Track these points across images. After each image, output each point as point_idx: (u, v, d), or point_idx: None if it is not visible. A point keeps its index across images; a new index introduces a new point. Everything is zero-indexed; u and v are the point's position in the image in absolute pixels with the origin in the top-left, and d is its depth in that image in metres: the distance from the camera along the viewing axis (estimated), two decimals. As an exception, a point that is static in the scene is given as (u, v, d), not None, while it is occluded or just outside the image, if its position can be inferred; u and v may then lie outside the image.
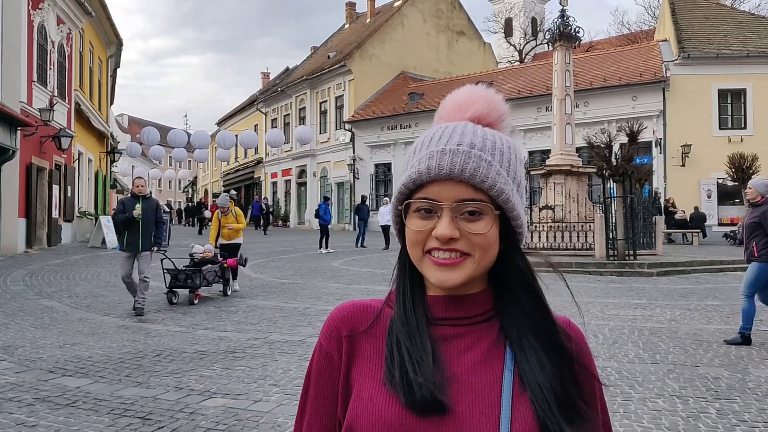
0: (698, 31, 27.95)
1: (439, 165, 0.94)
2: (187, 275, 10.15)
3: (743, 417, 4.74)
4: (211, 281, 10.64)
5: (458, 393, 0.93)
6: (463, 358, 0.97)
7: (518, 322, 0.97)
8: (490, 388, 0.94)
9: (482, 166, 0.94)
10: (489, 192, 0.94)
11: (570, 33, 17.86)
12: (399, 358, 0.96)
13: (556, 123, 18.30)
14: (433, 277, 0.96)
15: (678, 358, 6.58)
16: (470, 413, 0.92)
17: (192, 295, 10.11)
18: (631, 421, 4.62)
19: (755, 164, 22.62)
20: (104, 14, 27.19)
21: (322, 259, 18.13)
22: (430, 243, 0.95)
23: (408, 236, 0.98)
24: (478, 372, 0.95)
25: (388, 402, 0.93)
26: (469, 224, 0.94)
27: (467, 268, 0.95)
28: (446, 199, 0.94)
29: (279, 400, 5.13)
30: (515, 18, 65.38)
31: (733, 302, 10.39)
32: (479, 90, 1.04)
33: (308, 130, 33.33)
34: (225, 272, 11.08)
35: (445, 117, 1.04)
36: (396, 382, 0.94)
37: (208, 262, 10.77)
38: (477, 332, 0.98)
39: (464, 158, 0.94)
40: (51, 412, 4.79)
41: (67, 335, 7.67)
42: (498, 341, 0.98)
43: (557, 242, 16.86)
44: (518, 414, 0.91)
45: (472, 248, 0.94)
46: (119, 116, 62.09)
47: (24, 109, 17.83)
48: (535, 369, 0.94)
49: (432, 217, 0.95)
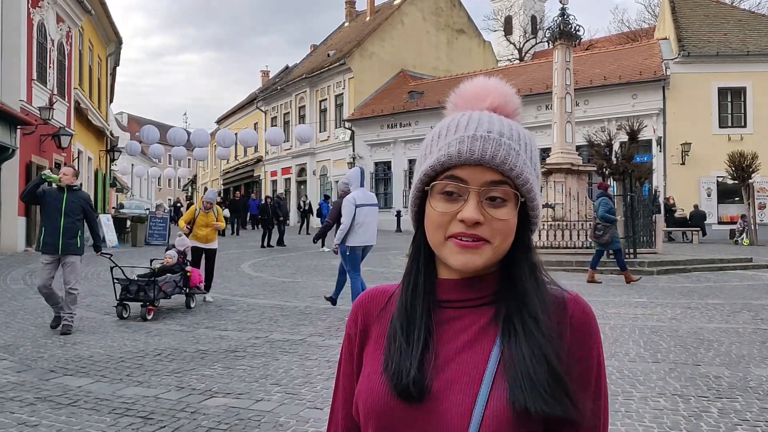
0: (698, 29, 27.94)
1: (471, 149, 0.96)
2: (139, 286, 8.77)
3: (745, 416, 4.73)
4: (169, 293, 9.24)
5: (444, 373, 0.96)
6: (456, 339, 0.99)
7: (515, 305, 0.99)
8: (476, 367, 0.96)
9: (511, 154, 0.96)
10: (516, 180, 0.97)
11: (570, 31, 17.83)
12: (394, 345, 1.00)
13: (556, 121, 18.28)
14: (456, 260, 0.97)
15: (679, 357, 6.58)
16: (450, 392, 0.95)
17: (144, 310, 8.65)
18: (633, 421, 4.62)
19: (755, 162, 22.64)
20: (104, 12, 27.15)
21: (323, 257, 18.12)
22: (454, 227, 0.97)
23: (432, 218, 0.99)
24: (467, 352, 0.98)
25: (381, 387, 0.98)
26: (494, 210, 0.96)
27: (486, 254, 0.97)
28: (475, 183, 0.96)
29: (281, 399, 5.13)
30: (515, 16, 65.32)
31: (734, 301, 10.41)
32: (494, 82, 1.06)
33: (308, 128, 33.31)
34: (188, 282, 9.64)
35: (462, 106, 1.06)
36: (387, 368, 0.99)
37: (167, 270, 9.34)
38: (475, 314, 1.01)
39: (495, 145, 0.96)
40: (52, 412, 4.79)
41: (67, 334, 7.66)
42: (493, 322, 1.00)
43: (557, 241, 16.85)
44: (496, 393, 0.93)
45: (492, 234, 0.96)
46: (119, 114, 62.05)
47: (24, 108, 17.81)
48: (517, 349, 0.95)
49: (457, 201, 0.97)
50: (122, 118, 66.49)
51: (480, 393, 0.93)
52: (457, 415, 0.93)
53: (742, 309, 9.60)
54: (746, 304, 10.08)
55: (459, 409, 0.93)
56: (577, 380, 0.97)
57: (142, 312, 8.68)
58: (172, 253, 9.72)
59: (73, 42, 23.25)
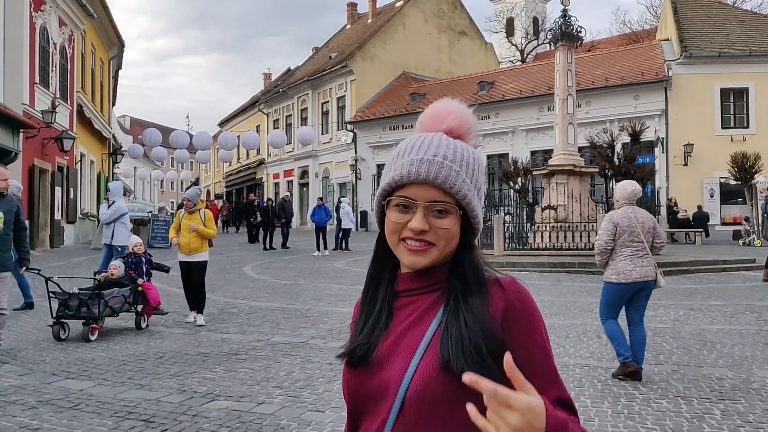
0: (700, 30, 27.90)
1: (418, 171, 1.17)
2: (81, 301, 7.61)
3: (748, 418, 4.72)
4: (117, 310, 8.02)
5: (390, 344, 1.18)
6: (406, 319, 1.21)
7: (456, 288, 1.18)
8: (415, 338, 1.16)
9: (452, 175, 1.17)
10: (455, 196, 1.18)
11: (572, 32, 17.81)
12: (357, 328, 1.26)
13: (559, 123, 18.25)
14: (406, 260, 1.20)
15: (682, 359, 6.56)
16: (393, 357, 1.16)
17: (87, 329, 7.51)
18: (635, 423, 4.60)
19: (758, 163, 22.58)
20: (106, 16, 27.24)
21: (324, 260, 18.12)
22: (405, 233, 1.19)
23: (387, 226, 1.21)
24: (412, 327, 1.19)
25: (346, 367, 1.24)
26: (438, 220, 1.18)
27: (432, 255, 1.19)
28: (421, 199, 1.18)
29: (282, 402, 5.12)
30: (517, 18, 65.28)
31: (737, 302, 10.38)
32: (454, 104, 1.26)
33: (310, 130, 33.30)
34: (140, 298, 8.40)
35: (425, 125, 1.27)
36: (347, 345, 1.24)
37: (113, 284, 8.16)
38: (424, 299, 1.21)
39: (438, 167, 1.17)
40: (54, 415, 4.79)
41: (69, 338, 7.66)
42: (435, 304, 1.20)
43: (560, 242, 16.83)
44: (430, 355, 1.12)
45: (437, 239, 1.18)
46: (121, 117, 62.14)
47: (26, 111, 17.86)
48: (454, 319, 1.14)
49: (408, 212, 1.19)
50: (125, 121, 66.57)
51: (415, 354, 1.13)
52: (395, 374, 1.14)
53: (745, 310, 9.57)
54: (749, 305, 10.05)
55: (397, 371, 1.14)
56: (524, 356, 1.10)
57: (84, 331, 7.52)
58: (118, 263, 8.60)
59: (75, 45, 23.30)
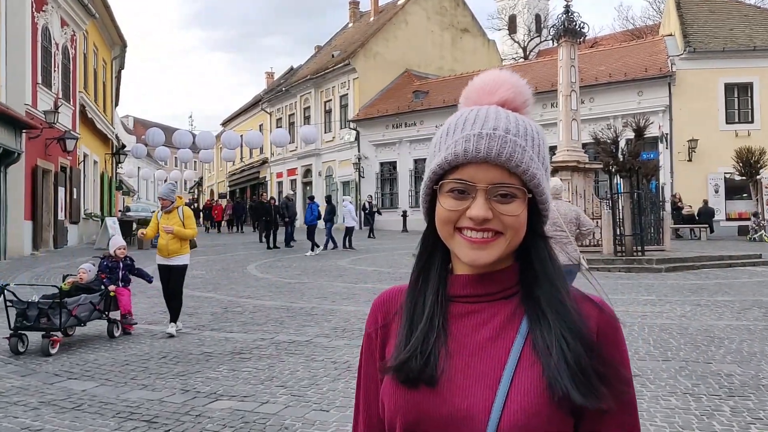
0: (704, 25, 27.78)
1: (476, 148, 0.96)
2: (41, 311, 6.91)
3: (758, 414, 4.66)
4: (84, 319, 7.41)
5: (464, 365, 0.97)
6: (477, 333, 1.00)
7: (538, 297, 0.99)
8: (499, 356, 0.96)
9: (517, 151, 0.97)
10: (522, 176, 0.97)
11: (575, 29, 17.72)
12: (403, 337, 1.02)
13: (562, 119, 18.18)
14: (465, 255, 0.99)
15: (690, 355, 6.49)
16: (468, 382, 0.95)
17: (47, 342, 6.80)
18: (644, 420, 4.54)
19: (762, 158, 22.49)
20: (108, 16, 27.22)
21: (328, 258, 18.09)
22: (462, 222, 0.98)
23: (440, 215, 1.01)
24: (491, 344, 0.98)
25: (395, 383, 0.99)
26: (502, 206, 0.97)
27: (499, 247, 0.98)
28: (481, 181, 0.97)
29: (286, 401, 5.08)
30: (519, 15, 65.15)
31: (744, 297, 10.30)
32: (506, 75, 1.07)
33: (313, 129, 33.25)
34: (111, 305, 7.78)
35: (473, 100, 1.06)
36: (394, 358, 1.00)
37: (81, 290, 7.55)
38: (493, 308, 1.01)
39: (500, 143, 0.96)
40: (56, 416, 4.76)
41: (72, 338, 7.63)
42: (514, 315, 1.00)
43: (564, 239, 16.73)
44: (523, 373, 0.93)
45: (504, 228, 0.97)
46: (124, 118, 62.15)
47: (29, 112, 17.84)
48: (548, 333, 0.95)
49: (466, 198, 0.98)
50: (128, 121, 66.63)
51: (504, 373, 0.94)
52: (479, 404, 0.93)
53: (752, 306, 9.49)
54: (756, 300, 9.97)
55: (482, 399, 0.93)
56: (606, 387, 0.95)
57: (43, 345, 6.82)
58: (87, 266, 7.95)
59: (77, 46, 23.29)
